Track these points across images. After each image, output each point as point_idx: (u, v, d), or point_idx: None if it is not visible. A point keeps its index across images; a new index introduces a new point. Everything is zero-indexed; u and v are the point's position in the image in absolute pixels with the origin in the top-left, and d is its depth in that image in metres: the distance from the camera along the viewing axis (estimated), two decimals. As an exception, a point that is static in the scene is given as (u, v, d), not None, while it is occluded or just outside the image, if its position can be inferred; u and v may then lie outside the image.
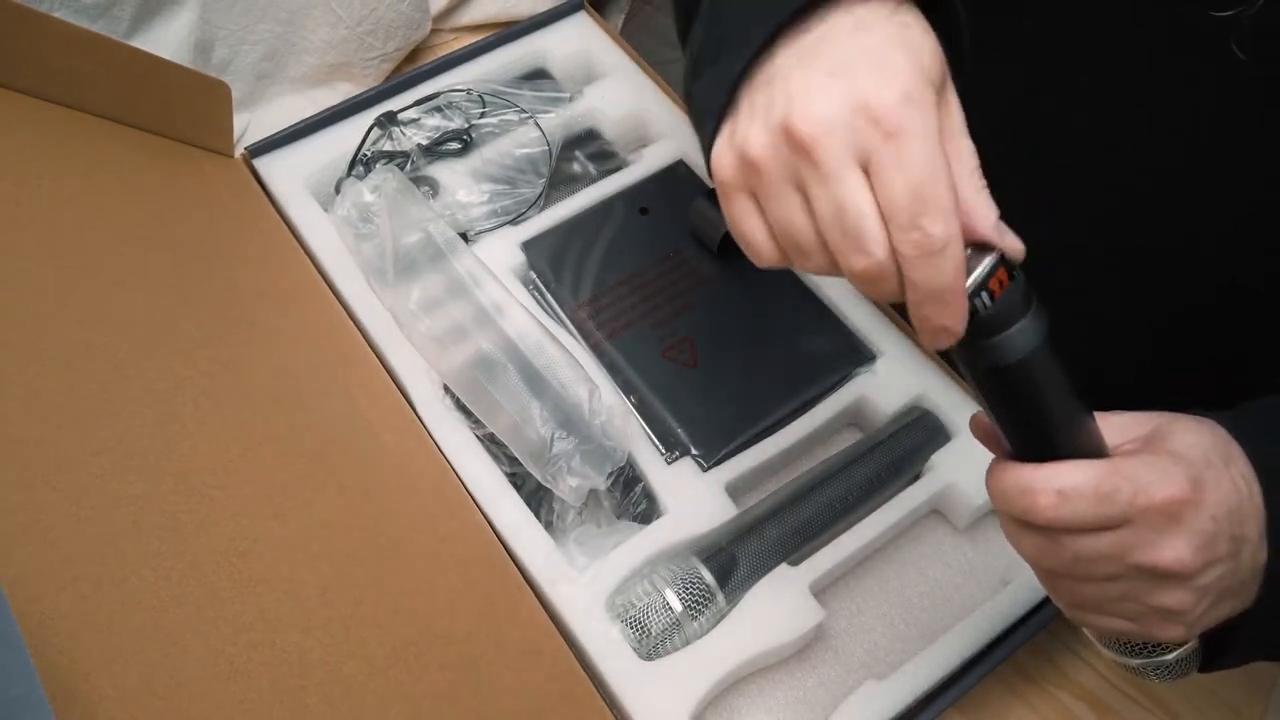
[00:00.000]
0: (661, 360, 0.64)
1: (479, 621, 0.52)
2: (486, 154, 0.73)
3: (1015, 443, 0.39)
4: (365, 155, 0.71)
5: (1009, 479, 0.39)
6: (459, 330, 0.61)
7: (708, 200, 0.68)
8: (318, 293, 0.64)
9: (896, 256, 0.34)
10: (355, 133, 0.72)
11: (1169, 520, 0.37)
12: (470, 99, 0.75)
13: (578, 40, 0.79)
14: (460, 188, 0.71)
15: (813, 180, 0.35)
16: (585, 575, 0.56)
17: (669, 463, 0.61)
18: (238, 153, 0.70)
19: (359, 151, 0.71)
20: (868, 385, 0.64)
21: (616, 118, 0.75)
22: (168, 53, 0.69)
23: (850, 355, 0.65)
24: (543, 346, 0.60)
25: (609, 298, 0.66)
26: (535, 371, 0.59)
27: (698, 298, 0.67)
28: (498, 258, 0.68)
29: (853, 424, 0.66)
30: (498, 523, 0.57)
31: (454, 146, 0.73)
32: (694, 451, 0.61)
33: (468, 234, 0.69)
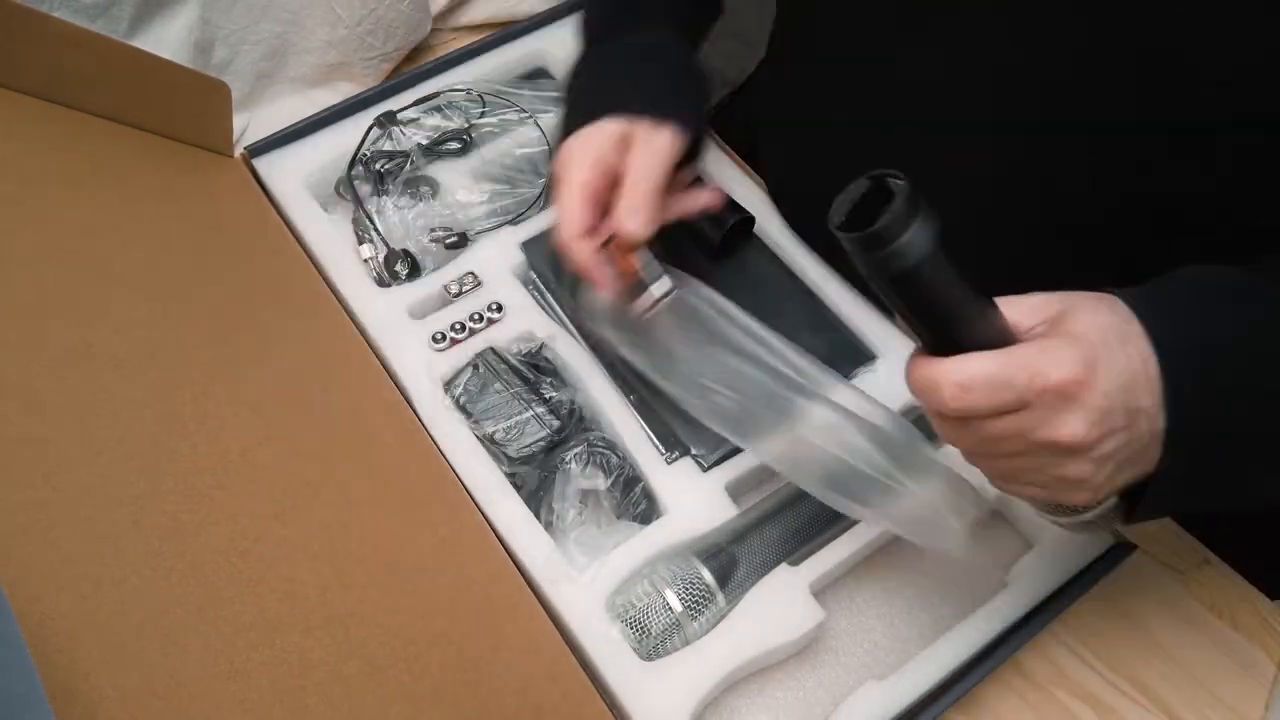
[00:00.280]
0: (661, 360, 0.64)
1: (479, 621, 0.52)
2: (486, 154, 0.73)
3: (925, 340, 0.43)
4: (365, 155, 0.71)
5: (918, 373, 0.43)
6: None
7: None
8: (317, 293, 0.64)
9: None
10: (355, 132, 0.72)
11: (1064, 400, 0.41)
12: (470, 99, 0.75)
13: (577, 40, 0.79)
14: (460, 188, 0.71)
15: None
16: (585, 575, 0.56)
17: (669, 463, 0.61)
18: (237, 152, 0.70)
19: (359, 151, 0.71)
20: (868, 385, 0.64)
21: (616, 118, 0.75)
22: (168, 52, 0.69)
23: (850, 355, 0.65)
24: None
25: (609, 298, 0.66)
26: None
27: (698, 298, 0.67)
28: (498, 258, 0.68)
29: (853, 424, 0.66)
30: (498, 523, 0.57)
31: (454, 146, 0.73)
32: (694, 451, 0.61)
33: (468, 234, 0.69)
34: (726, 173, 0.73)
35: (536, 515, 0.58)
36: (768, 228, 0.70)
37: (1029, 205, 0.57)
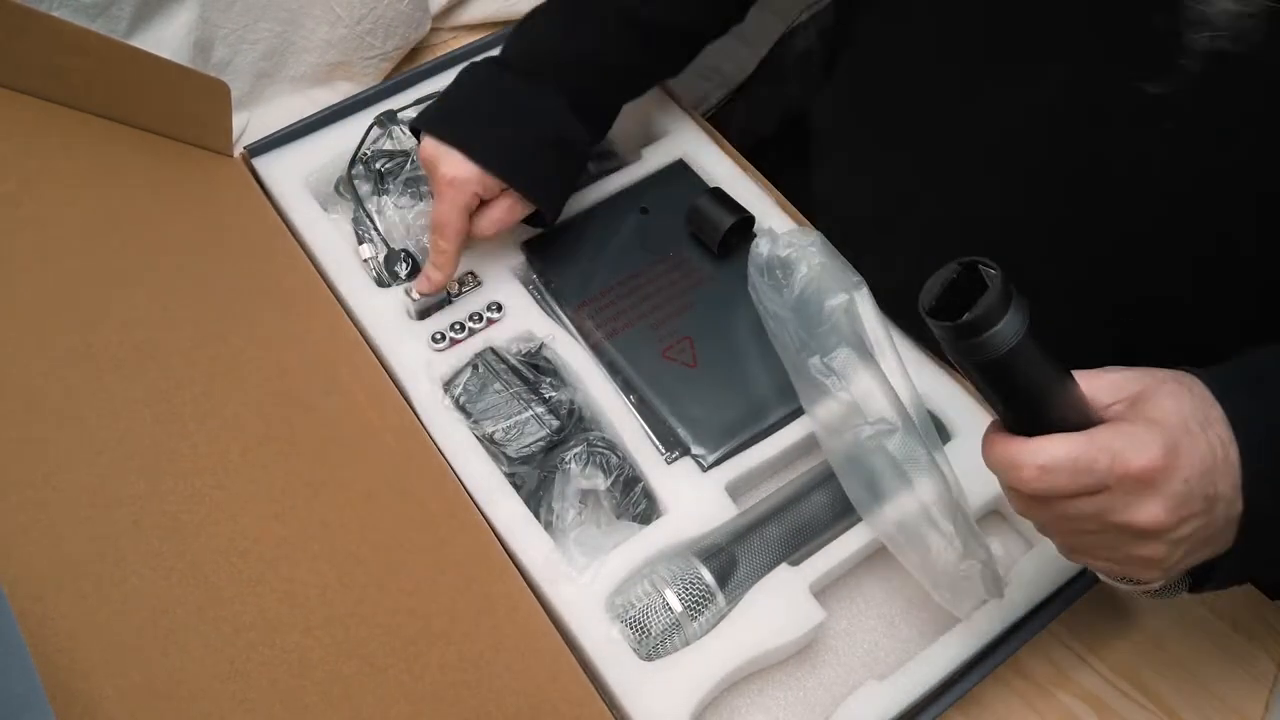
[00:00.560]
0: (661, 360, 0.64)
1: (479, 621, 0.52)
2: (486, 154, 0.73)
3: (1006, 419, 0.43)
4: (365, 154, 0.71)
5: (998, 452, 0.43)
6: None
7: (708, 200, 0.68)
8: (317, 293, 0.64)
9: None
10: (355, 132, 0.72)
11: (1144, 486, 0.41)
12: (470, 98, 0.74)
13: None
14: (460, 187, 0.71)
15: None
16: (585, 575, 0.56)
17: (669, 463, 0.61)
18: (237, 152, 0.70)
19: (359, 150, 0.71)
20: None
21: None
22: (167, 52, 0.69)
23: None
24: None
25: (609, 298, 0.66)
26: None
27: (698, 298, 0.67)
28: (498, 258, 0.68)
29: (853, 424, 0.66)
30: (497, 522, 0.57)
31: (454, 146, 0.73)
32: (694, 451, 0.61)
33: (468, 234, 0.69)
34: (726, 172, 0.73)
35: (536, 515, 0.58)
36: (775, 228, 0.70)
37: (1099, 261, 0.57)
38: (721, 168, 0.74)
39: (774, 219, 0.71)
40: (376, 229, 0.68)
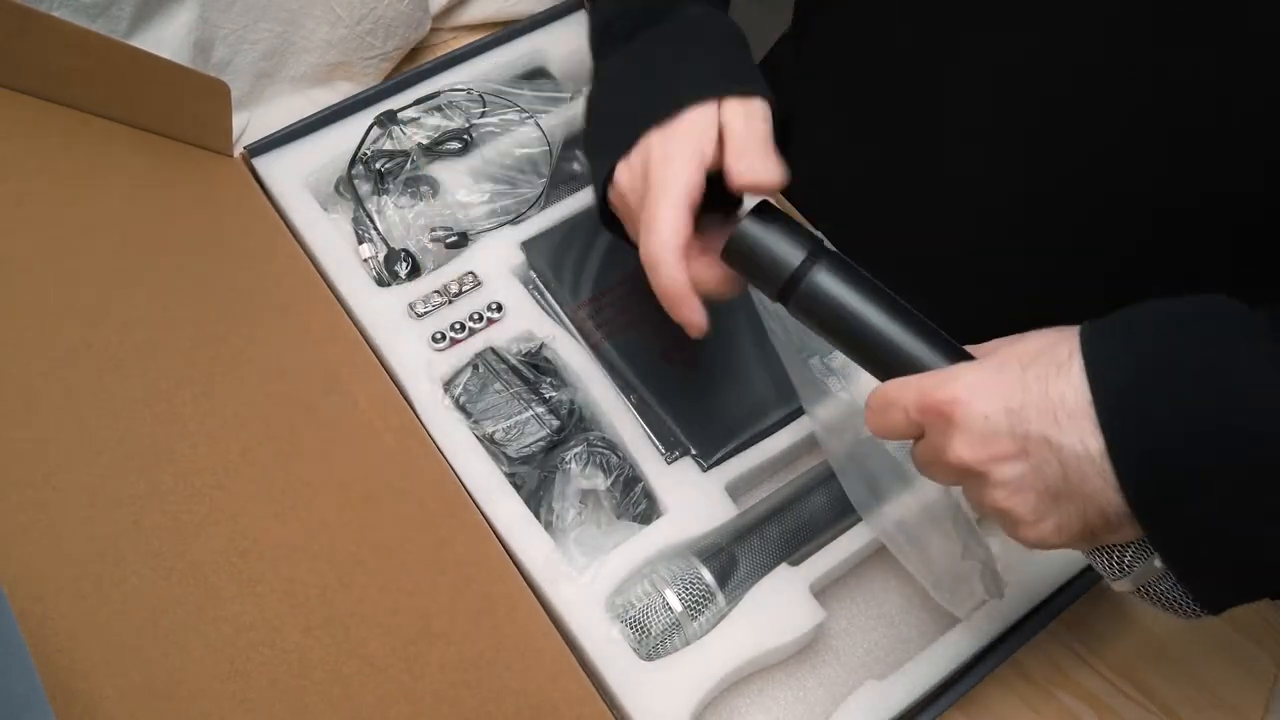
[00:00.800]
0: (661, 360, 0.64)
1: (479, 621, 0.52)
2: (487, 154, 0.73)
3: (863, 367, 0.47)
4: (365, 154, 0.71)
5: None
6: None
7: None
8: (317, 293, 0.64)
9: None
10: (355, 132, 0.72)
11: (944, 421, 0.41)
12: (470, 98, 0.75)
13: (577, 39, 0.78)
14: (460, 187, 0.71)
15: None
16: (585, 575, 0.56)
17: (669, 463, 0.61)
18: (237, 152, 0.70)
19: (359, 150, 0.71)
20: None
21: (616, 117, 0.75)
22: (167, 52, 0.69)
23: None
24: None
25: (609, 298, 0.66)
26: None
27: (698, 297, 0.67)
28: (498, 258, 0.68)
29: (853, 424, 0.66)
30: (497, 522, 0.57)
31: (454, 146, 0.73)
32: (694, 451, 0.61)
33: (468, 233, 0.69)
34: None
35: (536, 515, 0.58)
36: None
37: (1062, 219, 0.57)
38: (721, 168, 0.73)
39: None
40: (376, 229, 0.68)
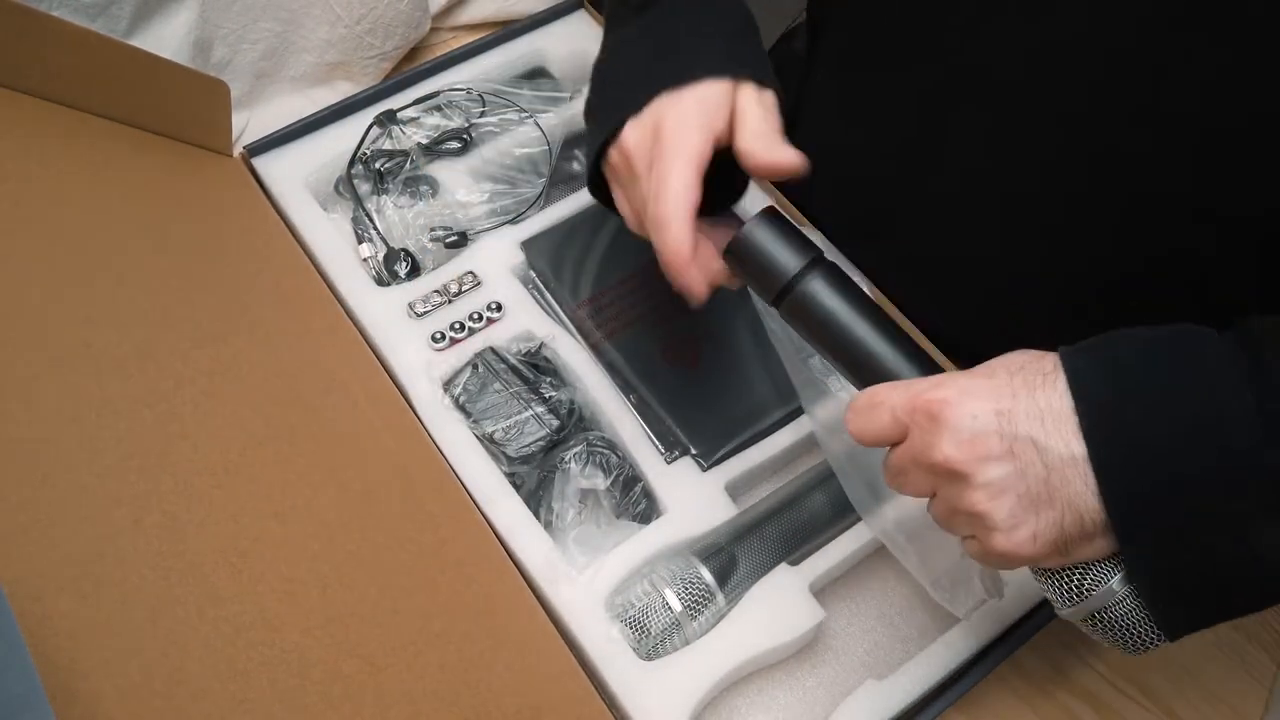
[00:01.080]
0: (661, 360, 0.64)
1: (479, 621, 0.52)
2: (486, 153, 0.73)
3: (845, 376, 0.48)
4: (365, 154, 0.71)
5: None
6: None
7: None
8: (317, 292, 0.64)
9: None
10: (354, 132, 0.72)
11: (932, 420, 0.41)
12: (470, 98, 0.75)
13: (577, 39, 0.79)
14: (460, 187, 0.71)
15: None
16: (585, 575, 0.56)
17: (669, 463, 0.61)
18: (236, 152, 0.70)
19: (358, 150, 0.71)
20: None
21: (616, 117, 0.75)
22: (167, 52, 0.69)
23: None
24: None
25: (609, 297, 0.66)
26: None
27: (697, 297, 0.67)
28: (497, 257, 0.68)
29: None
30: (497, 523, 0.57)
31: (454, 146, 0.73)
32: (693, 451, 0.61)
33: (467, 233, 0.69)
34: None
35: (536, 515, 0.58)
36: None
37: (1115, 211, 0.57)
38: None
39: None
40: (376, 228, 0.68)
